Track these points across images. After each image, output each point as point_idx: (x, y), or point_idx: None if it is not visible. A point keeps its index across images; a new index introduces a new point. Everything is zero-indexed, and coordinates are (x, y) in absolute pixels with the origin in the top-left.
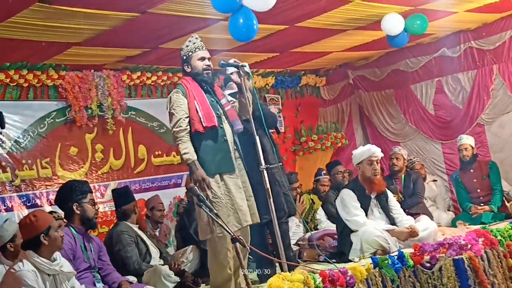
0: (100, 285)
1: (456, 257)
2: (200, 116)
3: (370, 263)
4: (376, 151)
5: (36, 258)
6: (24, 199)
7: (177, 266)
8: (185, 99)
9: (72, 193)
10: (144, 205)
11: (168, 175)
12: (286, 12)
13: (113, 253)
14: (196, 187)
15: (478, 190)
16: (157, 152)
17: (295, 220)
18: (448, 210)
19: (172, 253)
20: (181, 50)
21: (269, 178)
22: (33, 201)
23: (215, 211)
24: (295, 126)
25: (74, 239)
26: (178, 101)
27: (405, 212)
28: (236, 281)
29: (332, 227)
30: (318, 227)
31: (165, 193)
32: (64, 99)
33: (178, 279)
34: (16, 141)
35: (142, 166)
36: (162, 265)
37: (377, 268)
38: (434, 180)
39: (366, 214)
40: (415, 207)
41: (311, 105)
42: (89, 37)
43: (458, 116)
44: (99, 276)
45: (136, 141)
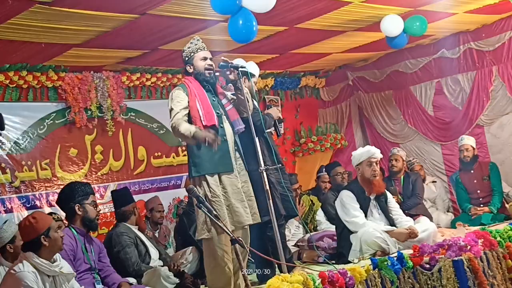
0: (100, 287)
1: (456, 258)
2: (201, 114)
3: (370, 264)
4: (375, 152)
5: (36, 259)
6: (24, 201)
7: (176, 267)
8: (186, 96)
9: (74, 194)
10: (144, 206)
11: (168, 176)
12: (286, 13)
13: (112, 254)
14: (195, 188)
15: (478, 191)
16: (156, 154)
17: (294, 222)
18: (448, 211)
19: (171, 254)
20: (183, 52)
21: (263, 180)
22: (33, 202)
23: (215, 212)
24: (295, 127)
25: (75, 240)
26: (178, 97)
27: (404, 213)
28: (235, 282)
29: (332, 228)
30: (318, 228)
31: (165, 194)
32: (64, 101)
33: (177, 280)
34: (15, 143)
35: (142, 167)
36: (162, 266)
37: (377, 269)
38: (433, 181)
39: (365, 215)
40: (414, 208)
41: (311, 106)
42: (88, 38)
43: (458, 117)
44: (99, 278)
45: (136, 142)
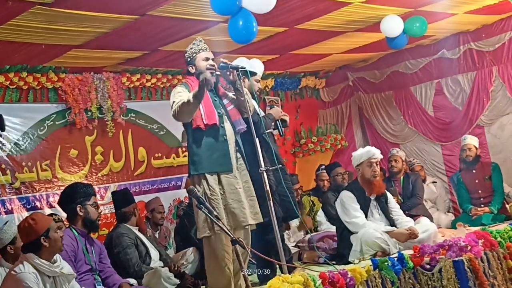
0: None
1: (456, 259)
2: (202, 113)
3: (370, 265)
4: (375, 153)
5: (36, 260)
6: (24, 202)
7: (177, 268)
8: (188, 92)
9: (76, 195)
10: (144, 207)
11: (168, 177)
12: (286, 14)
13: (113, 255)
14: (195, 189)
15: (479, 191)
16: (157, 154)
17: (294, 222)
18: (448, 211)
19: (172, 255)
20: (185, 53)
21: (263, 182)
22: (33, 203)
23: (215, 213)
24: (295, 128)
25: (76, 241)
26: (179, 92)
27: (405, 213)
28: (236, 283)
29: (332, 229)
30: (319, 229)
31: (165, 195)
32: (64, 102)
33: (178, 281)
34: (16, 144)
35: (142, 168)
36: (162, 267)
37: (377, 269)
38: (434, 182)
39: (365, 216)
40: (414, 208)
41: (311, 107)
42: (89, 39)
43: (458, 117)
44: (100, 279)
45: (136, 143)
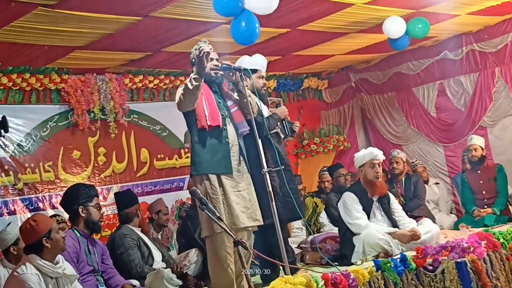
0: None
1: (459, 260)
2: (206, 114)
3: (373, 266)
4: (378, 154)
5: (39, 261)
6: (27, 203)
7: (179, 269)
8: None
9: (78, 196)
10: (147, 209)
11: (171, 178)
12: (288, 15)
13: (115, 257)
14: (198, 190)
15: (484, 192)
16: (159, 156)
17: (296, 223)
18: (451, 213)
19: (174, 256)
20: (190, 54)
21: (266, 182)
22: (36, 204)
23: (218, 214)
24: None
25: (78, 242)
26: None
27: (407, 215)
28: (239, 284)
29: (335, 230)
30: (321, 230)
31: (167, 196)
32: (67, 103)
33: (180, 282)
34: (19, 145)
35: (145, 170)
36: (165, 268)
37: (380, 271)
38: (436, 183)
39: (368, 217)
40: (416, 209)
41: (313, 108)
42: (91, 41)
43: (460, 118)
44: (102, 280)
45: (139, 144)
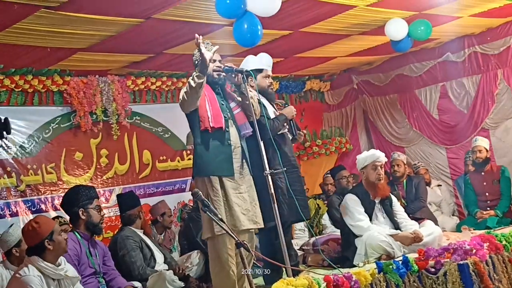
0: None
1: (461, 262)
2: (209, 115)
3: (375, 268)
4: (380, 156)
5: (41, 262)
6: (29, 204)
7: (181, 271)
8: None
9: (78, 198)
10: (149, 211)
11: (173, 180)
12: (291, 17)
13: (117, 258)
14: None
15: (487, 194)
16: (161, 157)
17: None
18: (453, 215)
19: (176, 258)
20: (193, 56)
21: (268, 184)
22: (38, 206)
23: (220, 216)
24: None
25: (79, 245)
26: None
27: (409, 217)
28: (241, 286)
29: (337, 232)
30: (323, 232)
31: (170, 198)
32: (69, 105)
33: (182, 284)
34: (21, 146)
35: (147, 171)
36: (167, 270)
37: (382, 273)
38: (438, 185)
39: (370, 219)
40: (418, 211)
41: (315, 110)
42: (94, 42)
43: (463, 121)
44: (104, 282)
45: (141, 146)
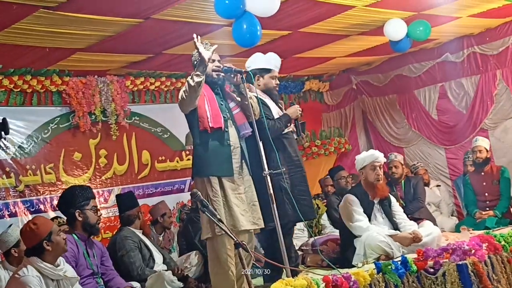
0: None
1: (460, 263)
2: (208, 116)
3: (374, 269)
4: (379, 156)
5: (40, 263)
6: (28, 205)
7: (180, 271)
8: None
9: (74, 199)
10: (149, 211)
11: (172, 181)
12: (290, 17)
13: (116, 259)
14: (199, 192)
15: (486, 194)
16: (160, 158)
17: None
18: (452, 215)
19: (175, 258)
20: (192, 56)
21: (267, 184)
22: (37, 206)
23: (219, 216)
24: None
25: (76, 246)
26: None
27: (408, 217)
28: (240, 287)
29: (336, 233)
30: (323, 232)
31: (169, 199)
32: (68, 105)
33: (181, 284)
34: (20, 147)
35: (146, 172)
36: (166, 270)
37: (381, 273)
38: (437, 185)
39: (369, 220)
40: (417, 211)
41: (314, 110)
42: (93, 43)
43: (462, 121)
44: (102, 282)
45: (140, 146)
